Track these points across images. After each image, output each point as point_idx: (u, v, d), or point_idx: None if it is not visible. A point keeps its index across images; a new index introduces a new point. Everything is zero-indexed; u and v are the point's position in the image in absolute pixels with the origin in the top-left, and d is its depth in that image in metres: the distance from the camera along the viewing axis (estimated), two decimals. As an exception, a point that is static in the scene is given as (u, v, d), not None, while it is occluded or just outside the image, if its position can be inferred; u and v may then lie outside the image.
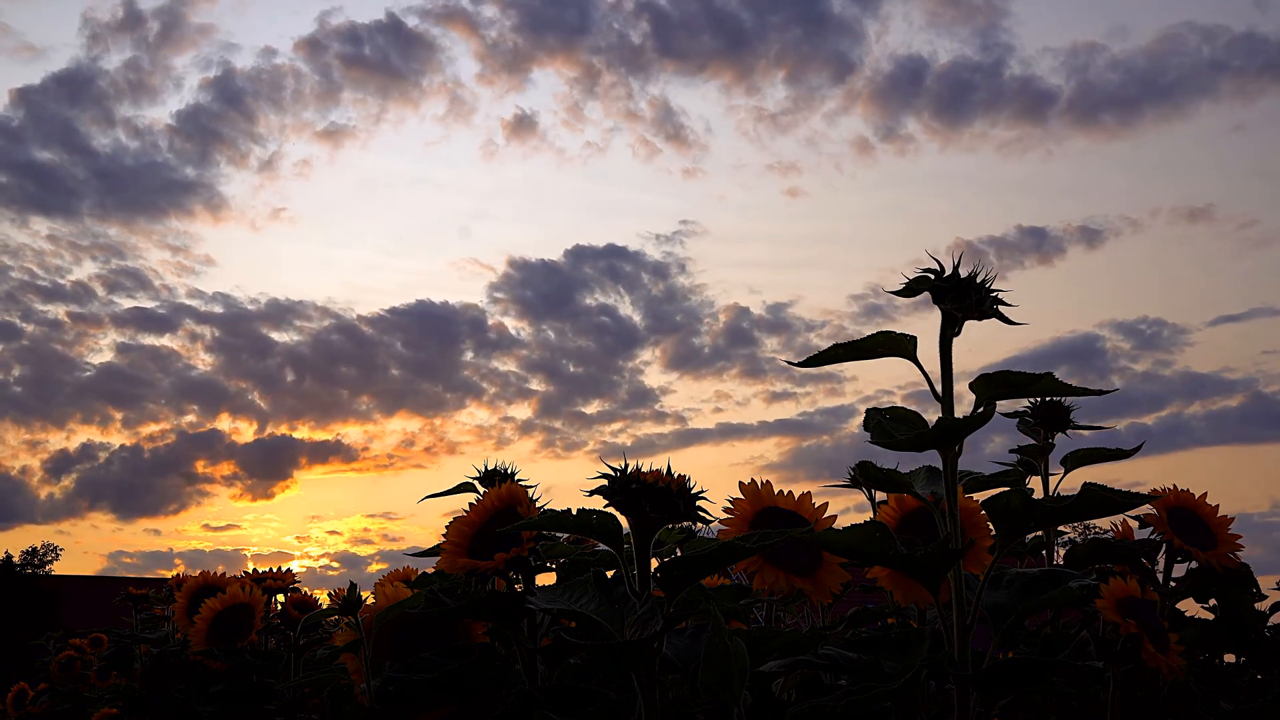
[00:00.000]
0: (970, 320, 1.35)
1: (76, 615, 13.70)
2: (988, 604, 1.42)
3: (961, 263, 1.33)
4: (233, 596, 2.46)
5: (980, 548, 1.56)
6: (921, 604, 1.66)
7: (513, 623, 1.59)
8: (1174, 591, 1.87)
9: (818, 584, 1.57)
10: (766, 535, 1.38)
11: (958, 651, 1.38)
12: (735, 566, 1.59)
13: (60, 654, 4.48)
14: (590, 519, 1.42)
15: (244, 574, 2.71)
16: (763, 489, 1.59)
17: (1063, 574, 1.49)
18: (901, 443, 1.39)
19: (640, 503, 1.38)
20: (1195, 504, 1.82)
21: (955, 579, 1.38)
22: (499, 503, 1.66)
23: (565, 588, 1.50)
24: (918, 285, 1.35)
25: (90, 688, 4.30)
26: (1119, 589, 1.55)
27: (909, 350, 1.38)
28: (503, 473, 1.92)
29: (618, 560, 1.43)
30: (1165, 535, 1.79)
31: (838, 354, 1.41)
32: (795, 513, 1.58)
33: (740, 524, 1.57)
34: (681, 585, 1.38)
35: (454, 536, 1.65)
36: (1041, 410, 2.19)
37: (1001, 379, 1.38)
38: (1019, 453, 2.24)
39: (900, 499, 1.71)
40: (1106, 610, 1.53)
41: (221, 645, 2.43)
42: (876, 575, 1.62)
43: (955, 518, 1.39)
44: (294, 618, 2.55)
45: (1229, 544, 1.80)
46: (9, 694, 4.44)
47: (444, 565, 1.64)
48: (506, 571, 1.62)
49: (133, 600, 4.34)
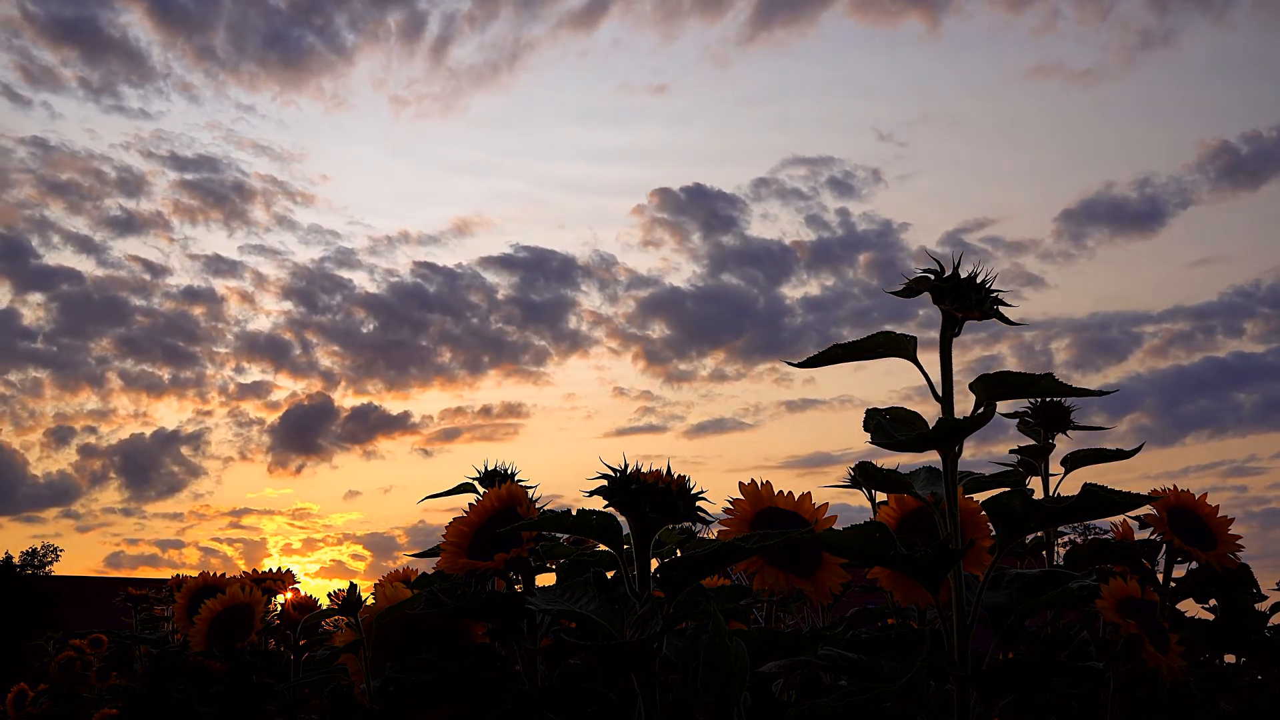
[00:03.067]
0: (971, 320, 1.35)
1: (76, 616, 13.70)
2: (988, 604, 1.42)
3: (961, 262, 1.33)
4: (232, 597, 2.46)
5: (980, 548, 1.56)
6: (922, 604, 1.66)
7: (513, 623, 1.59)
8: (1174, 592, 1.87)
9: (818, 585, 1.56)
10: (767, 536, 1.38)
11: (958, 652, 1.38)
12: (735, 567, 1.58)
13: (60, 654, 4.47)
14: (590, 520, 1.42)
15: (243, 574, 2.71)
16: (763, 489, 1.59)
17: (1063, 575, 1.49)
18: (902, 443, 1.39)
19: (640, 503, 1.38)
20: (1195, 504, 1.82)
21: (955, 579, 1.38)
22: (499, 503, 1.66)
23: (565, 588, 1.50)
24: (918, 285, 1.35)
25: (90, 688, 4.30)
26: (1119, 589, 1.55)
27: (909, 350, 1.38)
28: (503, 473, 1.92)
29: (618, 561, 1.43)
30: (1165, 536, 1.79)
31: (837, 354, 1.41)
32: (795, 513, 1.58)
33: (740, 524, 1.57)
34: (681, 586, 1.38)
35: (454, 537, 1.64)
36: (1041, 410, 2.19)
37: (1001, 379, 1.38)
38: (1019, 453, 2.24)
39: (900, 499, 1.70)
40: (1107, 611, 1.53)
41: (221, 645, 2.43)
42: (876, 576, 1.61)
43: (955, 518, 1.39)
44: (294, 618, 2.55)
45: (1229, 544, 1.80)
46: (9, 695, 4.43)
47: (444, 566, 1.64)
48: (506, 572, 1.62)
49: (132, 600, 4.35)
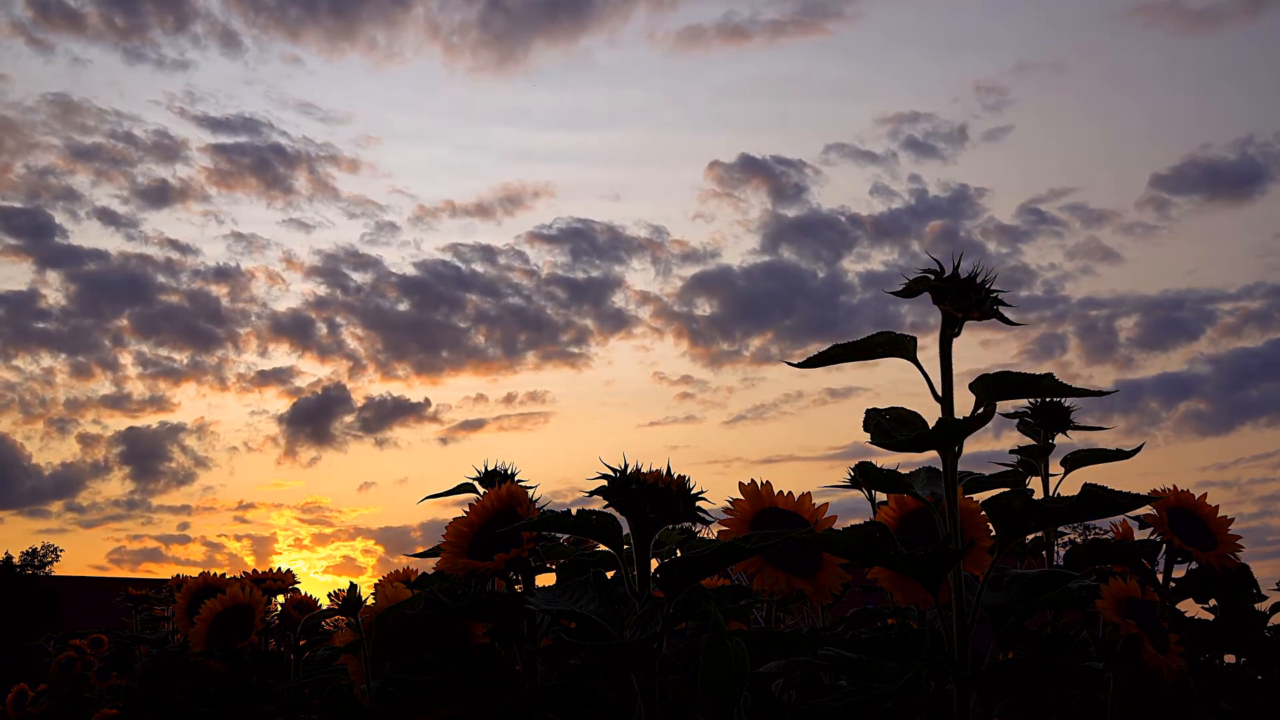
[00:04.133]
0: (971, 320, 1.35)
1: (76, 616, 13.70)
2: (987, 605, 1.42)
3: (961, 262, 1.33)
4: (232, 597, 2.46)
5: (980, 548, 1.56)
6: (921, 605, 1.66)
7: (513, 623, 1.59)
8: (1174, 592, 1.87)
9: (818, 585, 1.56)
10: (767, 536, 1.38)
11: (957, 652, 1.38)
12: (735, 567, 1.58)
13: (60, 655, 4.47)
14: (590, 520, 1.42)
15: (243, 574, 2.71)
16: (763, 489, 1.59)
17: (1062, 575, 1.49)
18: (902, 443, 1.39)
19: (640, 504, 1.38)
20: (1195, 505, 1.82)
21: (955, 580, 1.38)
22: (499, 503, 1.66)
23: (565, 588, 1.50)
24: (918, 285, 1.35)
25: (90, 688, 4.29)
26: (1119, 590, 1.55)
27: (909, 351, 1.38)
28: (503, 473, 1.92)
29: (618, 561, 1.43)
30: (1165, 536, 1.79)
31: (837, 354, 1.41)
32: (795, 513, 1.58)
33: (740, 524, 1.57)
34: (681, 586, 1.38)
35: (454, 537, 1.65)
36: (1041, 410, 2.19)
37: (1001, 379, 1.38)
38: (1019, 453, 2.24)
39: (900, 499, 1.70)
40: (1107, 611, 1.53)
41: (221, 646, 2.43)
42: (876, 576, 1.61)
43: (955, 518, 1.39)
44: (294, 618, 2.55)
45: (1229, 544, 1.80)
46: (9, 695, 4.43)
47: (444, 566, 1.64)
48: (506, 572, 1.62)
49: (133, 601, 4.35)
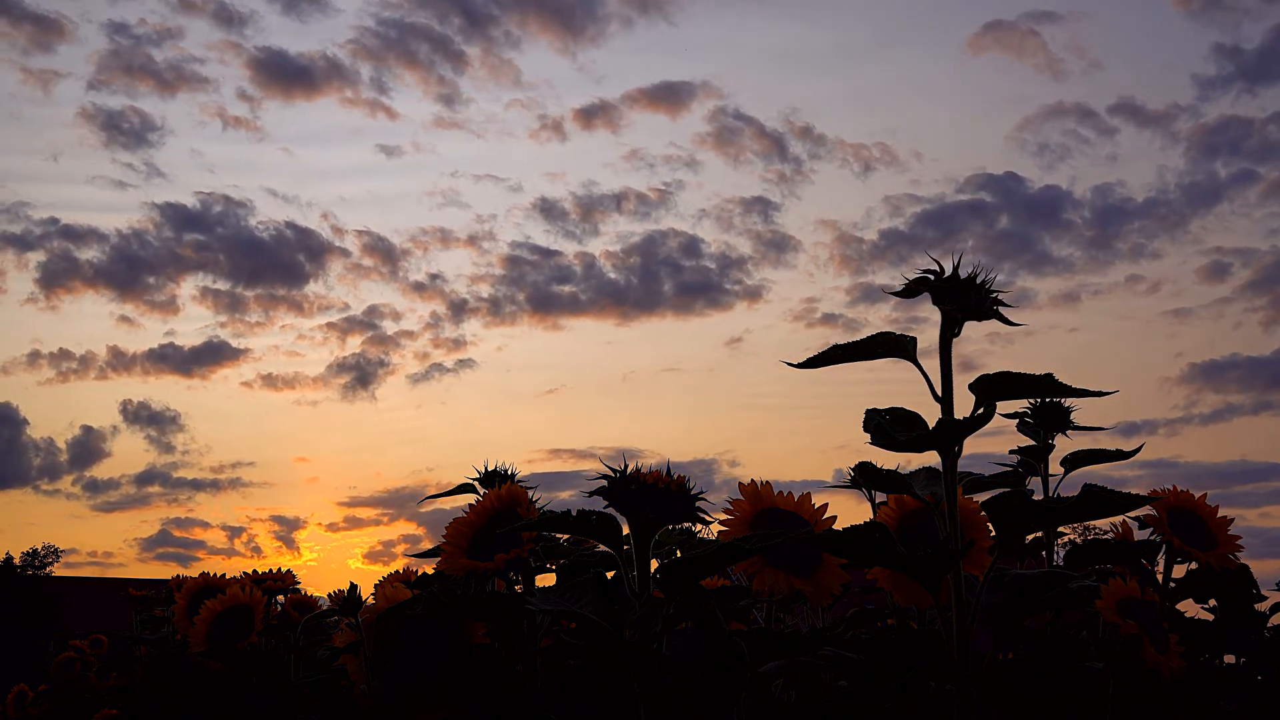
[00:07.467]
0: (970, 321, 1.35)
1: (76, 616, 13.70)
2: (987, 605, 1.42)
3: (961, 263, 1.33)
4: (232, 597, 2.46)
5: (980, 549, 1.56)
6: (921, 605, 1.65)
7: (513, 624, 1.59)
8: (1174, 592, 1.87)
9: (817, 585, 1.56)
10: (766, 536, 1.38)
11: (957, 653, 1.38)
12: (735, 567, 1.58)
13: (60, 655, 4.47)
14: (590, 520, 1.42)
15: (243, 575, 2.71)
16: (763, 489, 1.59)
17: (1062, 575, 1.49)
18: (902, 443, 1.39)
19: (640, 504, 1.38)
20: (1195, 505, 1.82)
21: (955, 580, 1.38)
22: (499, 504, 1.66)
23: (565, 589, 1.50)
24: (917, 286, 1.35)
25: (90, 688, 4.29)
26: (1119, 590, 1.55)
27: (909, 351, 1.38)
28: (503, 474, 1.92)
29: (617, 561, 1.43)
30: (1165, 536, 1.79)
31: (836, 355, 1.41)
32: (795, 513, 1.58)
33: (740, 525, 1.57)
34: (681, 586, 1.38)
35: (454, 537, 1.65)
36: (1041, 411, 2.19)
37: (1001, 379, 1.37)
38: (1019, 453, 2.24)
39: (900, 500, 1.70)
40: (1106, 611, 1.53)
41: (221, 646, 2.43)
42: (876, 576, 1.61)
43: (955, 519, 1.39)
44: (294, 619, 2.55)
45: (1229, 545, 1.80)
46: (9, 695, 4.43)
47: (444, 566, 1.64)
48: (506, 572, 1.62)
49: (133, 601, 4.34)
